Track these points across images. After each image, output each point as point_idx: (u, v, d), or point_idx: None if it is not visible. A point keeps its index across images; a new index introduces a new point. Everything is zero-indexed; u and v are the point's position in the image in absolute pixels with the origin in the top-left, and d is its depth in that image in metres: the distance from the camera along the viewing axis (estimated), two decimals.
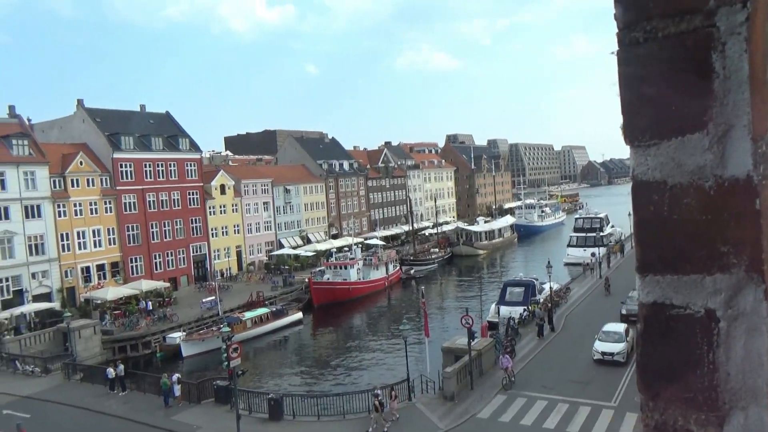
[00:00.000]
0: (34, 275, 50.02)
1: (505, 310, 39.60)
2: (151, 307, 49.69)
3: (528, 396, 26.08)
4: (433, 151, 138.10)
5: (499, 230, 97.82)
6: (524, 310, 39.41)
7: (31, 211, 50.37)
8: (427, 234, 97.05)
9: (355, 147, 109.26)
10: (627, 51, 0.92)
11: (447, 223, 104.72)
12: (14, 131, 51.26)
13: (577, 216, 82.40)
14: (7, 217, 48.53)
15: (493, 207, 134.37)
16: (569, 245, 71.81)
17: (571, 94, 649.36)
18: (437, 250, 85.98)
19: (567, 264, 66.93)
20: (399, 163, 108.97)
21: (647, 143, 0.92)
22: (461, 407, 25.37)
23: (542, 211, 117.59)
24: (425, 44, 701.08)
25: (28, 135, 52.26)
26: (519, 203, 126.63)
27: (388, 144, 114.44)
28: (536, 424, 23.33)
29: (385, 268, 67.49)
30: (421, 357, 35.21)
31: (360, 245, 73.88)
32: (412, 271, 74.29)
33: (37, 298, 49.37)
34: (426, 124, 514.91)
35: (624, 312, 35.93)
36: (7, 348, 39.84)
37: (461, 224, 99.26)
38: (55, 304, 49.67)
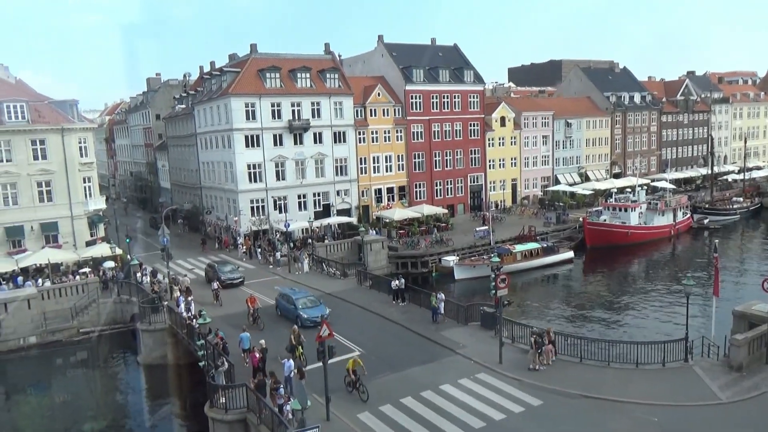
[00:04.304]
0: (338, 193, 58.61)
1: None
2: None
3: None
4: (750, 82, 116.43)
5: None
6: None
7: (339, 137, 58.30)
8: (730, 180, 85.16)
9: (650, 77, 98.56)
10: None
11: (759, 168, 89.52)
12: (328, 66, 59.15)
13: None
14: (320, 141, 57.12)
15: None
16: None
17: None
18: (741, 199, 74.53)
19: None
20: (702, 95, 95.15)
21: None
22: (750, 381, 22.47)
23: None
24: None
25: (338, 69, 59.75)
26: None
27: (690, 74, 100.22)
28: None
29: (673, 215, 61.51)
30: (705, 318, 31.84)
31: (645, 187, 68.31)
32: (705, 221, 66.52)
33: (339, 213, 57.97)
34: (745, 48, 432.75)
35: None
36: (317, 252, 48.00)
37: None
38: (353, 219, 57.74)
